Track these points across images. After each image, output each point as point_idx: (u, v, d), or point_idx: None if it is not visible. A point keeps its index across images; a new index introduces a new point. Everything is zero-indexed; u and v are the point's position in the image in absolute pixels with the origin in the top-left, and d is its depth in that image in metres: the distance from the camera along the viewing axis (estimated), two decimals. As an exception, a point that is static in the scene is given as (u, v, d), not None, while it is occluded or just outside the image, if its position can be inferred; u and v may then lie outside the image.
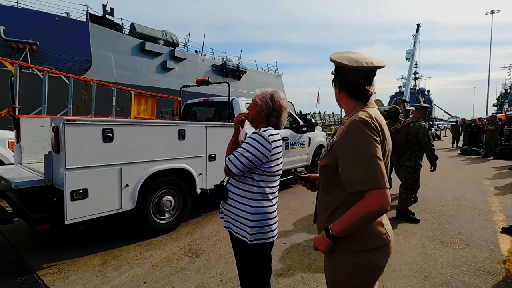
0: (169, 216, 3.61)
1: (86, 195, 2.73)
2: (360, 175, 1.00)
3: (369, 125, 1.03)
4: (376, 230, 1.10)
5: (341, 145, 1.07)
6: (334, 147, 1.12)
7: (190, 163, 3.69)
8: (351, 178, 1.02)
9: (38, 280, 2.51)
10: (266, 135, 1.53)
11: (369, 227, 1.08)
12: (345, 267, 1.11)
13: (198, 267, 2.77)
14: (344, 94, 1.20)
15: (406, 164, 4.16)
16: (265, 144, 1.51)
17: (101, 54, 14.23)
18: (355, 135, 1.03)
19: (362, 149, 1.01)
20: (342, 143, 1.07)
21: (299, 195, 5.54)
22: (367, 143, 1.01)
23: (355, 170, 1.01)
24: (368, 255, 1.08)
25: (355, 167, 1.01)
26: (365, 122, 1.04)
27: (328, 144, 1.20)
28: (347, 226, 1.04)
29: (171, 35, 18.51)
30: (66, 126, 2.57)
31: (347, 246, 1.09)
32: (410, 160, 4.12)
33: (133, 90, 5.82)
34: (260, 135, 1.52)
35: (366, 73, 1.14)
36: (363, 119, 1.04)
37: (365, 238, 1.08)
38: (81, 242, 3.27)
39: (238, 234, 1.59)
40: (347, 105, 1.21)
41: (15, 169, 3.51)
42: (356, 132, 1.03)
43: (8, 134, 4.73)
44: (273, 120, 1.63)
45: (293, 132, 5.86)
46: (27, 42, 11.89)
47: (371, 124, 1.04)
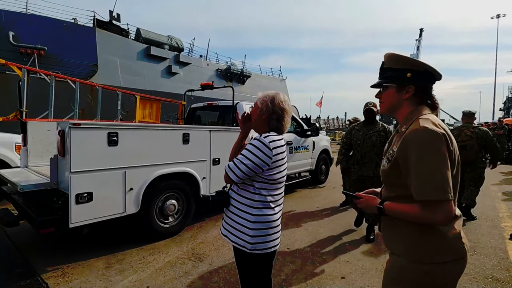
0: (172, 220, 3.61)
1: (91, 199, 2.74)
2: (429, 186, 0.99)
3: (436, 134, 1.02)
4: (455, 243, 1.08)
5: (408, 155, 1.05)
6: (397, 156, 1.09)
7: (194, 167, 3.70)
8: (420, 188, 1.01)
9: (42, 283, 2.52)
10: (267, 141, 1.45)
11: (447, 239, 1.07)
12: (412, 273, 1.09)
13: (202, 271, 2.76)
14: (412, 100, 1.17)
15: (479, 165, 4.40)
16: (266, 151, 1.43)
17: (107, 59, 14.42)
18: (423, 145, 1.02)
19: (430, 159, 1.01)
20: (409, 152, 1.05)
21: (303, 200, 5.51)
22: (436, 153, 1.01)
23: (423, 180, 1.01)
24: (441, 266, 1.06)
25: (424, 177, 1.01)
26: (432, 131, 1.02)
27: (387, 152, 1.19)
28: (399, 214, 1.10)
29: (176, 40, 18.71)
30: (72, 130, 2.59)
31: (419, 253, 1.08)
32: (482, 162, 4.44)
33: (138, 94, 5.87)
34: (260, 141, 1.45)
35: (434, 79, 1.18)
36: (429, 129, 1.03)
37: (440, 249, 1.07)
38: (85, 246, 3.28)
39: (236, 243, 1.53)
40: (405, 110, 1.18)
41: (21, 172, 3.55)
42: (425, 142, 1.02)
43: (15, 137, 4.79)
44: (273, 124, 1.55)
45: (297, 136, 5.85)
46: (35, 47, 12.11)
47: (438, 133, 1.02)
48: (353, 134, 3.58)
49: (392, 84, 1.18)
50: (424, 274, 1.07)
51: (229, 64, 22.22)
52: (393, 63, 1.18)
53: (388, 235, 1.22)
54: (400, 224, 1.12)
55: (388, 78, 1.19)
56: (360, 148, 3.49)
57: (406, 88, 1.16)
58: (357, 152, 3.54)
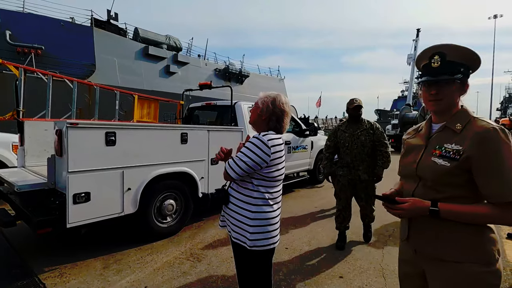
0: (171, 220, 3.60)
1: (88, 199, 2.73)
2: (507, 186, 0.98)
3: (506, 133, 1.02)
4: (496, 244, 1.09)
5: (485, 153, 1.02)
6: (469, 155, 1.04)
7: (192, 166, 3.69)
8: (504, 188, 0.99)
9: (40, 283, 2.51)
10: (266, 139, 1.48)
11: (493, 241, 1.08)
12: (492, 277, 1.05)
13: (200, 271, 2.75)
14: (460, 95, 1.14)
15: None
16: (264, 149, 1.47)
17: (105, 58, 14.36)
18: (504, 144, 1.00)
19: (507, 159, 1.00)
20: (487, 150, 1.02)
21: (301, 200, 5.51)
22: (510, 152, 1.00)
23: (501, 181, 0.99)
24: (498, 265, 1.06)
25: (501, 178, 0.99)
26: (503, 130, 1.02)
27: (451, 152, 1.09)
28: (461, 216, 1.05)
29: (174, 39, 18.67)
30: (69, 129, 2.58)
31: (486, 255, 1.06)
32: None
33: (136, 94, 5.86)
34: (259, 139, 1.49)
35: None
36: (499, 128, 1.03)
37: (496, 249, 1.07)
38: (82, 246, 3.26)
39: (237, 239, 1.56)
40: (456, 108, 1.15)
41: (18, 172, 3.52)
42: (499, 142, 1.01)
43: (12, 137, 4.76)
44: (273, 125, 1.58)
45: (296, 136, 5.85)
46: (32, 46, 12.04)
47: (506, 132, 1.02)
48: (339, 136, 3.31)
49: (458, 80, 1.10)
50: (498, 276, 1.05)
51: (227, 64, 22.20)
52: (459, 57, 1.10)
53: (436, 240, 1.12)
54: (455, 227, 1.07)
55: (456, 73, 1.09)
56: (349, 150, 3.21)
57: (466, 84, 1.13)
58: (346, 155, 3.26)
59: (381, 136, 3.24)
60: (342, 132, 3.31)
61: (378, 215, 3.44)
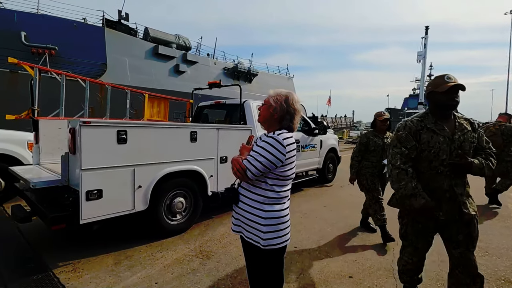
0: (180, 217, 3.64)
1: (101, 196, 2.78)
2: None
3: None
4: None
5: None
6: None
7: (202, 165, 3.72)
8: None
9: (54, 278, 2.57)
10: (281, 138, 1.49)
11: None
12: None
13: (209, 269, 2.77)
14: None
15: (505, 159, 4.82)
16: (280, 148, 1.47)
17: (116, 58, 14.58)
18: None
19: None
20: None
21: (310, 199, 5.48)
22: None
23: None
24: None
25: None
26: None
27: None
28: None
29: (183, 39, 18.79)
30: (82, 128, 2.63)
31: None
32: (508, 155, 4.83)
33: (147, 93, 5.92)
34: (274, 139, 1.48)
35: None
36: None
37: None
38: (95, 242, 3.33)
39: (250, 239, 1.56)
40: None
41: (33, 169, 3.62)
42: None
43: (27, 135, 4.89)
44: (286, 123, 1.58)
45: (305, 134, 5.82)
46: (46, 47, 12.31)
47: None
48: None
49: None
50: None
51: (236, 62, 22.21)
52: None
53: None
54: None
55: None
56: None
57: None
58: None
59: None
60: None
61: (390, 216, 3.39)
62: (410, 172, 1.81)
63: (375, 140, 3.58)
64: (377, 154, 3.58)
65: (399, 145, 1.87)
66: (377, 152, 3.57)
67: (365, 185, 3.63)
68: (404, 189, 1.79)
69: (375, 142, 3.58)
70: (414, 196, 1.77)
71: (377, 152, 3.57)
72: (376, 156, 3.58)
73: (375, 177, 3.61)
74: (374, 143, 3.57)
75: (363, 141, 3.64)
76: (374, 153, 3.59)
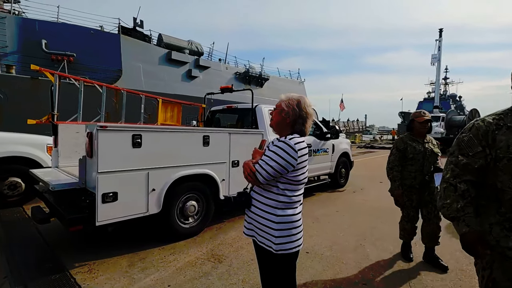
0: (192, 220, 3.67)
1: (116, 198, 2.85)
2: None
3: None
4: None
5: None
6: None
7: (214, 169, 3.75)
8: None
9: (71, 278, 2.64)
10: (293, 143, 1.49)
11: None
12: None
13: (221, 272, 2.78)
14: None
15: None
16: (292, 153, 1.47)
17: (131, 64, 14.96)
18: None
19: None
20: None
21: (322, 204, 5.43)
22: None
23: None
24: None
25: None
26: None
27: None
28: None
29: (196, 44, 19.10)
30: (99, 132, 2.71)
31: None
32: None
33: (160, 98, 6.05)
34: (286, 143, 1.49)
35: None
36: None
37: None
38: (109, 244, 3.40)
39: (263, 243, 1.56)
40: None
41: (52, 172, 3.75)
42: None
43: (46, 139, 5.07)
44: (298, 127, 1.59)
45: (316, 139, 5.79)
46: (65, 54, 12.78)
47: None
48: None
49: None
50: None
51: (247, 67, 22.38)
52: None
53: None
54: None
55: None
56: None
57: None
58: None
59: None
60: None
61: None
62: (461, 188, 1.35)
63: (414, 146, 2.96)
64: (416, 163, 2.95)
65: (457, 152, 1.41)
66: (416, 160, 2.95)
67: (399, 200, 3.03)
68: (447, 210, 1.37)
69: (414, 148, 2.95)
70: (457, 220, 1.33)
71: (417, 160, 2.95)
72: (415, 164, 2.95)
73: (413, 192, 2.99)
74: (413, 149, 2.95)
75: (401, 147, 3.01)
76: (412, 161, 2.97)
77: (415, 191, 2.99)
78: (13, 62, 11.43)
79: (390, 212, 4.80)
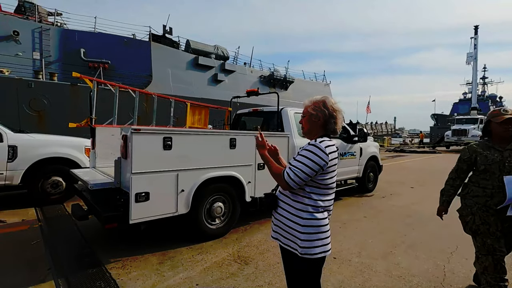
0: (219, 222, 3.74)
1: (148, 198, 2.98)
2: None
3: None
4: None
5: None
6: None
7: (240, 171, 3.80)
8: None
9: (106, 272, 2.79)
10: (323, 146, 1.49)
11: None
12: None
13: (247, 274, 2.80)
14: None
15: None
16: (323, 156, 1.47)
17: (160, 69, 15.62)
18: None
19: None
20: None
21: (349, 209, 5.29)
22: None
23: None
24: None
25: None
26: None
27: None
28: None
29: (222, 49, 19.53)
30: (133, 134, 2.86)
31: None
32: None
33: (189, 102, 6.24)
34: (317, 147, 1.49)
35: None
36: None
37: None
38: (141, 241, 3.55)
39: (288, 246, 1.57)
40: None
41: (90, 172, 4.00)
42: None
43: (84, 141, 5.43)
44: (331, 127, 1.58)
45: (343, 142, 5.67)
46: (101, 61, 13.64)
47: None
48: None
49: None
50: None
51: (272, 70, 22.46)
52: None
53: None
54: None
55: None
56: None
57: None
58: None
59: None
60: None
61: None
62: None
63: (486, 155, 2.24)
64: (491, 176, 2.21)
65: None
66: (491, 173, 2.21)
67: (470, 225, 2.29)
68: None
69: (485, 157, 2.24)
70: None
71: (491, 174, 2.21)
72: (490, 179, 2.22)
73: (489, 213, 2.21)
74: (484, 159, 2.23)
75: (465, 157, 2.37)
76: (485, 174, 2.25)
77: (492, 212, 2.19)
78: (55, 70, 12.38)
79: (422, 219, 4.58)
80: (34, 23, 12.80)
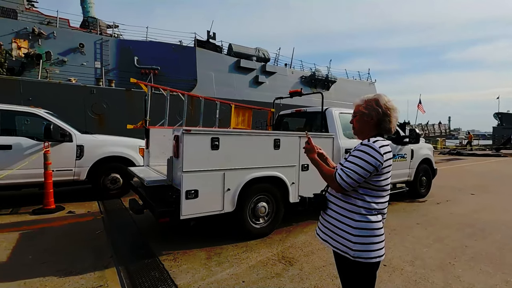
0: (263, 221, 3.78)
1: (197, 195, 3.13)
2: None
3: None
4: None
5: None
6: None
7: (284, 171, 3.80)
8: None
9: (160, 263, 3.00)
10: (377, 146, 1.43)
11: None
12: None
13: (292, 275, 2.79)
14: None
15: None
16: (377, 156, 1.42)
17: (204, 73, 16.30)
18: None
19: None
20: None
21: (400, 214, 4.97)
22: None
23: None
24: None
25: None
26: None
27: None
28: None
29: (263, 51, 19.73)
30: (184, 135, 3.04)
31: None
32: None
33: (233, 103, 6.42)
34: (371, 147, 1.44)
35: None
36: None
37: None
38: (191, 236, 3.74)
39: (337, 248, 1.52)
40: None
41: (144, 170, 4.32)
42: None
43: (138, 141, 5.90)
44: (386, 126, 1.53)
45: (393, 143, 5.35)
46: (152, 67, 14.69)
47: None
48: None
49: None
50: None
51: (313, 70, 22.04)
52: None
53: None
54: None
55: None
56: None
57: None
58: None
59: None
60: None
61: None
62: None
63: None
64: None
65: None
66: None
67: None
68: None
69: None
70: None
71: None
72: None
73: None
74: None
75: None
76: None
77: None
78: (112, 77, 13.65)
79: (486, 229, 4.13)
80: (96, 35, 14.27)
